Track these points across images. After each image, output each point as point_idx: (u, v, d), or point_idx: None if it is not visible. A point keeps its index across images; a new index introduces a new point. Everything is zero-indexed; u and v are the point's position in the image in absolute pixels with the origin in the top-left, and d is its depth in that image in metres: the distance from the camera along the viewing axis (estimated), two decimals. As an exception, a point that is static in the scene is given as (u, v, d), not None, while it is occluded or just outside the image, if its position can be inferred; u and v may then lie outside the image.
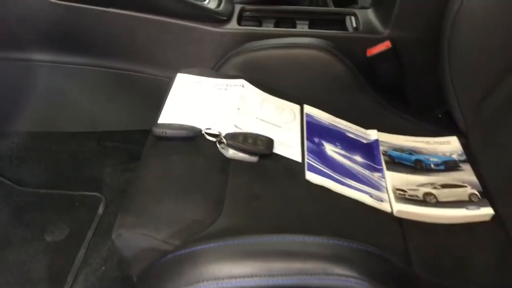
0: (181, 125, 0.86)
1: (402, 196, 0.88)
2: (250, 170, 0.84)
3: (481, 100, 0.93)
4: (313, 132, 0.97)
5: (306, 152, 0.91)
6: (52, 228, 1.17)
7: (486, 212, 0.85)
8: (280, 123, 0.97)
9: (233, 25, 1.16)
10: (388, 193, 0.89)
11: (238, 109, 0.95)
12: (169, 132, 0.84)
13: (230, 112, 0.94)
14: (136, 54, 1.18)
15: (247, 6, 1.24)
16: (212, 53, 1.15)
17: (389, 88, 1.13)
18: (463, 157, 0.96)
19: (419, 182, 0.91)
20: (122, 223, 0.71)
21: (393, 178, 0.92)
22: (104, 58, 1.18)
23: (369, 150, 0.99)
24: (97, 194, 1.25)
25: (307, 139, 0.95)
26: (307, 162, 0.89)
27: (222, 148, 0.85)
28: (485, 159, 0.92)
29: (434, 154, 0.98)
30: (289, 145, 0.92)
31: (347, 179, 0.89)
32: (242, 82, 1.02)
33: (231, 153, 0.85)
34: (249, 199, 0.78)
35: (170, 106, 0.93)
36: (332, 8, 1.36)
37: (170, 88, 0.99)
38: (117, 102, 1.27)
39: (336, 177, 0.88)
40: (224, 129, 0.88)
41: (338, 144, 0.97)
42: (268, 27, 1.19)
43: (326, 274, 0.59)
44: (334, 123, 1.02)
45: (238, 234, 0.65)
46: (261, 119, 0.95)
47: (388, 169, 0.94)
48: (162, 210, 0.73)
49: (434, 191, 0.89)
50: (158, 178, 0.79)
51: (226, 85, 1.01)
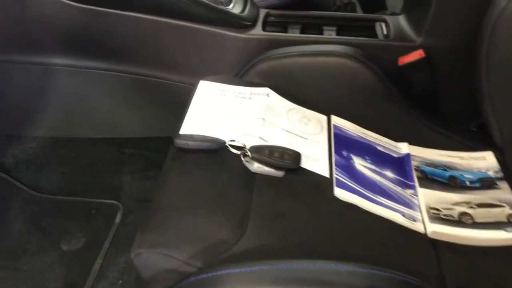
0: (204, 136, 0.82)
1: (437, 215, 0.84)
2: (275, 186, 0.79)
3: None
4: (341, 144, 0.93)
5: (334, 166, 0.87)
6: (68, 236, 1.14)
7: (526, 235, 0.80)
8: (306, 135, 0.92)
9: (257, 30, 1.12)
10: (421, 212, 0.85)
11: (263, 119, 0.91)
12: (191, 144, 0.80)
13: (255, 123, 0.90)
14: (157, 60, 1.15)
15: (272, 11, 1.20)
16: (235, 59, 1.11)
17: (421, 99, 1.08)
18: (500, 174, 0.92)
19: (454, 201, 0.87)
20: (142, 242, 0.67)
21: (426, 196, 0.88)
22: (124, 63, 1.15)
23: (400, 165, 0.94)
24: (114, 202, 1.22)
25: (335, 152, 0.90)
26: (336, 177, 0.84)
27: (247, 161, 0.81)
28: (524, 177, 0.88)
29: (469, 170, 0.93)
30: (316, 158, 0.88)
31: (378, 196, 0.84)
32: (267, 90, 0.98)
33: (256, 167, 0.81)
34: (275, 217, 0.74)
35: (192, 116, 0.90)
36: (361, 14, 1.31)
37: (193, 96, 0.95)
38: (137, 108, 1.24)
39: (366, 193, 0.84)
40: (249, 141, 0.84)
41: (367, 158, 0.93)
42: (294, 33, 1.15)
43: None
44: (363, 135, 0.98)
45: (264, 256, 0.62)
46: (287, 131, 0.91)
47: (420, 185, 0.90)
48: (184, 228, 0.70)
49: (470, 211, 0.84)
50: (179, 193, 0.75)
51: (251, 93, 0.97)
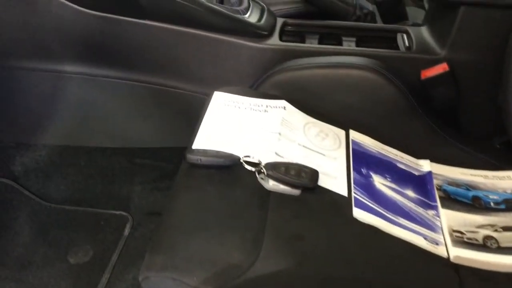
0: (217, 152, 0.79)
1: (460, 239, 0.80)
2: (292, 205, 0.76)
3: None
4: (360, 161, 0.89)
5: (352, 184, 0.83)
6: (76, 248, 1.11)
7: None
8: (324, 151, 0.89)
9: (274, 40, 1.09)
10: (443, 234, 0.81)
11: (279, 134, 0.87)
12: (204, 159, 0.77)
13: (271, 137, 0.86)
14: (171, 69, 1.12)
15: (290, 20, 1.17)
16: (251, 70, 1.08)
17: (443, 114, 1.04)
18: (527, 195, 0.87)
19: (478, 223, 0.83)
20: (151, 264, 0.64)
21: (449, 217, 0.84)
22: (138, 71, 1.13)
23: (421, 184, 0.90)
24: (124, 213, 1.19)
25: (354, 170, 0.87)
26: (354, 197, 0.80)
27: (262, 179, 0.77)
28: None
29: (494, 191, 0.89)
30: (334, 176, 0.84)
31: (399, 217, 0.80)
32: (283, 103, 0.95)
33: (272, 184, 0.77)
34: (291, 240, 0.70)
35: (205, 130, 0.86)
36: (381, 24, 1.27)
37: (206, 108, 0.92)
38: (149, 117, 1.21)
39: (386, 214, 0.80)
40: (264, 157, 0.81)
41: (387, 176, 0.89)
42: (311, 43, 1.12)
43: None
44: (383, 152, 0.94)
45: (279, 283, 0.58)
46: (303, 146, 0.88)
47: (443, 206, 0.86)
48: (195, 250, 0.66)
49: (495, 235, 0.80)
50: (191, 211, 0.71)
51: (266, 106, 0.94)
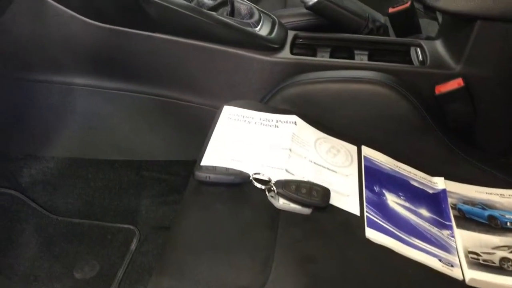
0: (227, 169, 0.77)
1: (476, 261, 0.77)
2: (302, 225, 0.73)
3: None
4: (372, 179, 0.87)
5: (365, 203, 0.81)
6: (82, 263, 1.10)
7: None
8: (335, 167, 0.87)
9: (285, 53, 1.07)
10: (459, 256, 0.78)
11: (290, 150, 0.85)
12: (213, 177, 0.75)
13: (281, 154, 0.84)
14: (181, 82, 1.10)
15: (301, 33, 1.15)
16: (261, 83, 1.06)
17: (458, 130, 1.02)
18: (545, 215, 0.85)
19: (495, 244, 0.80)
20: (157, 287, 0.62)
21: (464, 238, 0.82)
22: (147, 84, 1.12)
23: (436, 202, 0.88)
24: (131, 227, 1.18)
25: (366, 188, 0.84)
26: (367, 216, 0.78)
27: (272, 197, 0.75)
28: None
29: (510, 210, 0.87)
30: (346, 194, 0.82)
31: (413, 238, 0.78)
32: (294, 118, 0.93)
33: (282, 203, 0.75)
34: (302, 262, 0.68)
35: (214, 145, 0.84)
36: (394, 38, 1.25)
37: (216, 122, 0.90)
38: (158, 130, 1.20)
39: (400, 235, 0.78)
40: (274, 174, 0.79)
41: (401, 194, 0.86)
42: (323, 57, 1.10)
43: None
44: (396, 169, 0.91)
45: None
46: (314, 162, 0.86)
47: (458, 226, 0.84)
48: (203, 272, 0.64)
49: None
50: (199, 231, 0.69)
51: (277, 121, 0.92)
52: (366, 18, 1.20)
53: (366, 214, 0.79)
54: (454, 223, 0.84)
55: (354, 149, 0.92)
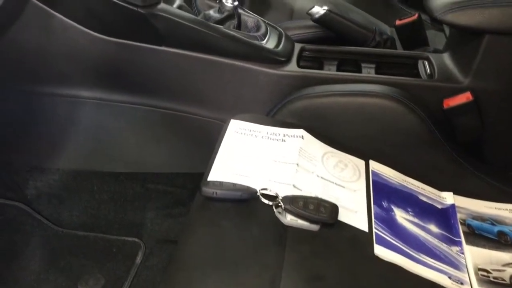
0: (234, 184, 0.76)
1: (486, 278, 0.76)
2: (310, 241, 0.73)
3: None
4: (380, 193, 0.86)
5: (373, 219, 0.80)
6: (86, 277, 1.09)
7: None
8: (343, 182, 0.86)
9: (292, 67, 1.06)
10: (468, 273, 0.77)
11: (297, 165, 0.84)
12: (220, 193, 0.74)
13: (289, 169, 0.83)
14: (187, 94, 1.10)
15: (308, 46, 1.15)
16: (268, 96, 1.05)
17: (467, 145, 1.01)
18: (555, 230, 0.84)
19: (505, 261, 0.79)
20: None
21: (474, 255, 0.81)
22: (153, 97, 1.11)
23: (445, 218, 0.87)
24: (136, 240, 1.17)
25: (374, 203, 0.83)
26: (376, 233, 0.77)
27: (279, 213, 0.74)
28: None
29: (520, 226, 0.86)
30: (354, 210, 0.81)
31: (422, 255, 0.77)
32: (301, 132, 0.92)
33: (289, 219, 0.74)
34: (309, 280, 0.67)
35: (221, 160, 0.84)
36: (401, 50, 1.25)
37: (222, 136, 0.90)
38: (164, 143, 1.19)
39: (409, 252, 0.77)
40: (281, 189, 0.78)
41: (409, 209, 0.85)
42: (330, 69, 1.10)
43: None
44: (404, 183, 0.91)
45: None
46: (322, 177, 0.85)
47: (467, 242, 0.83)
48: (209, 292, 0.63)
49: (522, 274, 0.77)
50: (206, 248, 0.69)
51: (284, 135, 0.92)
52: (373, 31, 1.19)
53: (374, 230, 0.78)
54: (463, 239, 0.83)
55: (361, 163, 0.92)
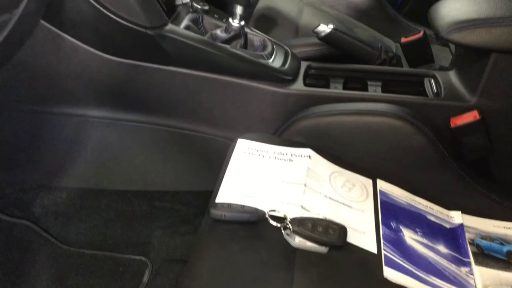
0: (242, 206, 0.76)
1: (496, 300, 0.75)
2: (319, 264, 0.72)
3: None
4: (388, 214, 0.86)
5: (382, 240, 0.80)
6: (94, 296, 1.09)
7: None
8: (351, 202, 0.86)
9: (298, 85, 1.06)
10: (478, 295, 0.77)
11: (305, 185, 0.84)
12: (228, 215, 0.74)
13: (296, 189, 0.83)
14: (194, 113, 1.10)
15: (314, 64, 1.15)
16: (275, 115, 1.05)
17: (474, 164, 1.00)
18: None
19: (514, 282, 0.79)
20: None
21: (483, 276, 0.80)
22: (161, 116, 1.11)
23: (453, 238, 0.87)
24: (143, 258, 1.17)
25: (383, 224, 0.83)
26: (385, 255, 0.77)
27: (288, 235, 0.74)
28: None
29: (530, 245, 0.85)
30: (362, 231, 0.80)
31: (431, 277, 0.77)
32: (308, 152, 0.92)
33: (298, 241, 0.74)
34: (319, 304, 0.66)
35: (229, 181, 0.84)
36: (407, 68, 1.25)
37: (229, 157, 0.90)
38: (171, 161, 1.20)
39: (418, 274, 0.76)
40: (289, 211, 0.78)
41: (418, 230, 0.85)
42: (336, 87, 1.10)
43: None
44: (412, 203, 0.90)
45: None
46: (329, 198, 0.85)
47: (476, 262, 0.83)
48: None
49: (533, 295, 0.76)
50: (215, 272, 0.68)
51: (291, 154, 0.92)
52: (378, 49, 1.20)
53: (383, 252, 0.77)
54: (472, 260, 0.83)
55: (369, 182, 0.91)
